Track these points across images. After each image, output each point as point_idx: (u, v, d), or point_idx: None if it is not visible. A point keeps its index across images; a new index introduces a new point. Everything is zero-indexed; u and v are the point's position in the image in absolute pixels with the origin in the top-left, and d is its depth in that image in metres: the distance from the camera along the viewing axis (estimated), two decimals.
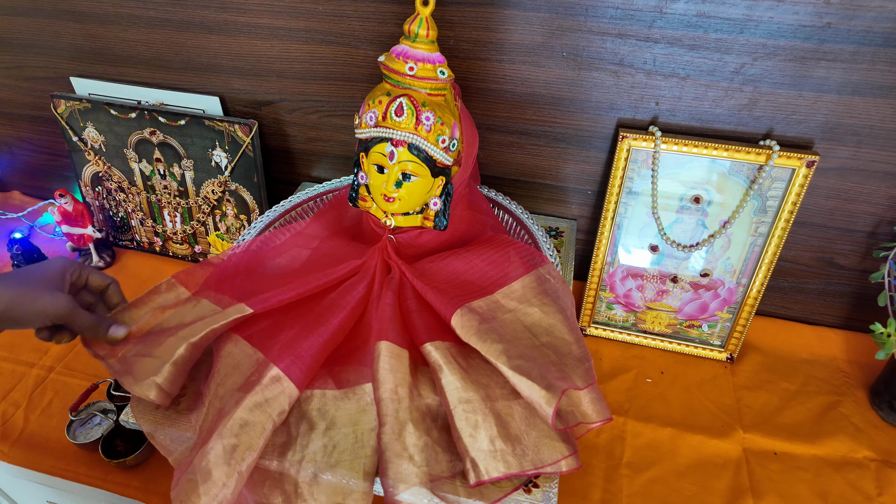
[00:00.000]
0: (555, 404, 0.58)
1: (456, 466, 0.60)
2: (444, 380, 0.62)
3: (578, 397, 0.62)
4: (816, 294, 0.96)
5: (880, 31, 0.72)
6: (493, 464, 0.57)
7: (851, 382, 0.89)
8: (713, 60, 0.79)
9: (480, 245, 0.78)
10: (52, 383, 0.87)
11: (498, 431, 0.59)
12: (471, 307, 0.68)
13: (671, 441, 0.80)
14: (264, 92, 0.98)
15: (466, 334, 0.64)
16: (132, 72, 1.02)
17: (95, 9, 0.96)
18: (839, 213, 0.87)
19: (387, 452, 0.58)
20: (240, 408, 0.59)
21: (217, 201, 1.03)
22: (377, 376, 0.62)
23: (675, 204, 0.85)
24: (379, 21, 0.86)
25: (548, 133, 0.91)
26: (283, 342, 0.64)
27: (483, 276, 0.74)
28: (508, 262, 0.75)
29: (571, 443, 0.61)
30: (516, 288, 0.72)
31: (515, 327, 0.68)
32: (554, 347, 0.66)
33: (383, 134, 0.67)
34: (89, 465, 0.76)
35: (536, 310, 0.69)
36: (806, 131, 0.81)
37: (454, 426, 0.60)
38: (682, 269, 0.90)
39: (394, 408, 0.60)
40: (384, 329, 0.65)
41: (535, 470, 0.58)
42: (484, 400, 0.61)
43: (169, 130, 0.99)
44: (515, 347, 0.63)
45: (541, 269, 0.74)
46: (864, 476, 0.77)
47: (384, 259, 0.75)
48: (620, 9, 0.77)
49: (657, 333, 0.95)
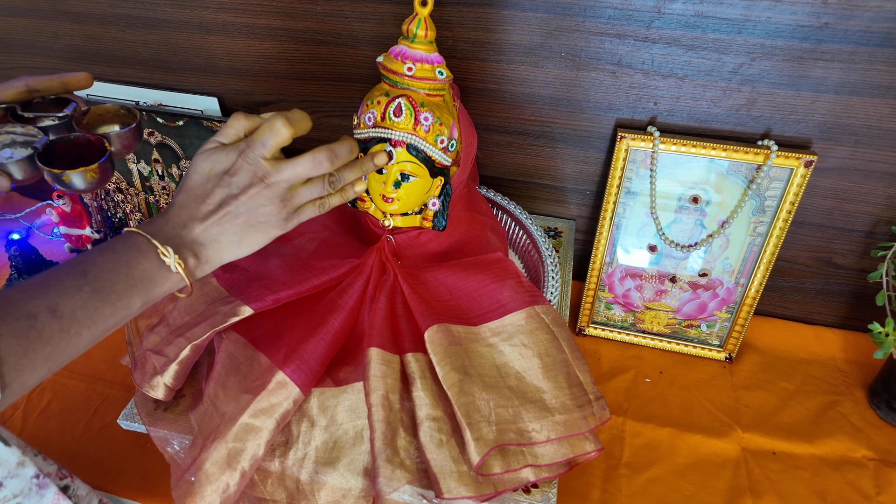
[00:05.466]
0: (478, 459, 0.57)
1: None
2: (414, 393, 0.62)
3: (530, 445, 0.61)
4: (815, 294, 0.96)
5: (878, 31, 0.72)
6: (453, 484, 0.57)
7: (850, 382, 0.89)
8: (711, 60, 0.79)
9: (481, 265, 0.75)
10: (50, 384, 0.86)
11: (461, 452, 0.59)
12: (448, 328, 0.66)
13: (670, 441, 0.80)
14: (263, 92, 0.98)
15: (433, 350, 0.64)
16: (130, 72, 1.02)
17: (93, 9, 0.96)
18: (837, 212, 0.87)
19: (378, 458, 0.58)
20: (245, 413, 0.59)
21: None
22: (368, 383, 0.62)
23: (674, 204, 0.85)
24: (377, 21, 0.86)
25: (546, 133, 0.91)
26: (287, 346, 0.64)
27: (473, 304, 0.72)
28: (502, 294, 0.71)
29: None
30: (505, 324, 0.69)
31: (484, 362, 0.66)
32: (521, 393, 0.64)
33: (382, 134, 0.67)
34: (88, 467, 0.76)
35: (514, 350, 0.67)
36: (804, 131, 0.81)
37: (419, 439, 0.60)
38: (681, 269, 0.90)
39: (384, 414, 0.60)
40: (374, 335, 0.65)
41: (497, 493, 0.58)
42: (452, 419, 0.61)
43: (167, 131, 0.99)
44: (474, 383, 0.62)
45: (536, 308, 0.70)
46: (863, 475, 0.77)
47: (381, 259, 0.75)
48: (618, 9, 0.78)
49: (656, 333, 0.95)
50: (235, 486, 0.58)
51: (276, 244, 0.79)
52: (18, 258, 0.99)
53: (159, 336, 0.69)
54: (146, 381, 0.66)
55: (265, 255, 0.77)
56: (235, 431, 0.59)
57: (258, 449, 0.59)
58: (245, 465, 0.58)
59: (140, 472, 0.76)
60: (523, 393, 0.64)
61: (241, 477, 0.58)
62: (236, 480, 0.58)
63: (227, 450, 0.59)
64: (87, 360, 0.90)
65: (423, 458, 0.59)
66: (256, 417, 0.59)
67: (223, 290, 0.71)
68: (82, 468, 0.76)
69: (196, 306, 0.70)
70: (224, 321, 0.66)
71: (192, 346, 0.65)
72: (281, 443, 0.62)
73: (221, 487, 0.58)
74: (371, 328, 0.67)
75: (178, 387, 0.67)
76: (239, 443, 0.59)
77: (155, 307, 0.74)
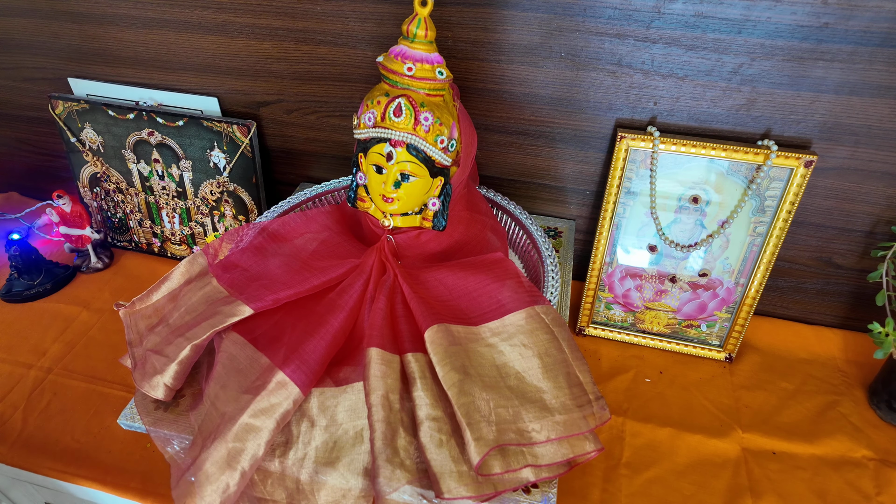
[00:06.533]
0: (478, 459, 0.57)
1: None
2: (415, 393, 0.62)
3: (530, 445, 0.61)
4: (815, 294, 0.96)
5: (878, 31, 0.72)
6: (453, 484, 0.57)
7: (850, 382, 0.89)
8: (711, 60, 0.79)
9: (481, 266, 0.75)
10: (50, 385, 0.86)
11: (461, 452, 0.59)
12: (448, 328, 0.66)
13: (670, 441, 0.80)
14: (262, 92, 0.98)
15: (433, 350, 0.64)
16: (130, 72, 1.02)
17: (93, 10, 0.96)
18: (837, 212, 0.87)
19: (378, 458, 0.58)
20: (245, 413, 0.59)
21: (215, 202, 1.03)
22: (368, 383, 0.62)
23: (674, 204, 0.85)
24: (377, 21, 0.86)
25: (546, 133, 0.91)
26: (287, 346, 0.64)
27: (473, 304, 0.72)
28: (502, 294, 0.71)
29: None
30: (505, 324, 0.69)
31: (484, 362, 0.66)
32: (521, 393, 0.64)
33: (382, 134, 0.67)
34: (88, 468, 0.76)
35: (514, 350, 0.67)
36: (804, 131, 0.81)
37: (419, 439, 0.60)
38: (681, 269, 0.90)
39: (384, 414, 0.60)
40: (374, 335, 0.65)
41: (497, 493, 0.58)
42: (451, 419, 0.61)
43: (167, 131, 0.99)
44: (474, 383, 0.62)
45: (536, 308, 0.69)
46: (863, 475, 0.77)
47: (381, 259, 0.75)
48: (618, 9, 0.78)
49: (656, 333, 0.95)
50: (235, 486, 0.58)
51: (276, 244, 0.79)
52: (18, 258, 0.99)
53: (159, 336, 0.69)
54: (146, 381, 0.66)
55: (265, 255, 0.77)
56: (235, 431, 0.59)
57: (258, 449, 0.59)
58: (245, 465, 0.58)
59: (140, 472, 0.76)
60: (523, 393, 0.64)
61: (241, 477, 0.58)
62: (236, 480, 0.58)
63: (227, 450, 0.59)
64: (87, 360, 0.90)
65: (423, 458, 0.59)
66: (256, 417, 0.59)
67: (223, 290, 0.71)
68: (82, 468, 0.76)
69: (196, 306, 0.70)
70: (224, 321, 0.66)
71: (192, 346, 0.65)
72: (281, 443, 0.62)
73: (221, 487, 0.58)
74: (371, 328, 0.67)
75: (178, 387, 0.67)
76: (239, 443, 0.59)
77: (155, 307, 0.74)
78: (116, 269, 1.09)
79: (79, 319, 0.97)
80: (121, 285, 1.05)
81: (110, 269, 1.09)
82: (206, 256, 0.77)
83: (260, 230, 0.80)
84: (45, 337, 0.94)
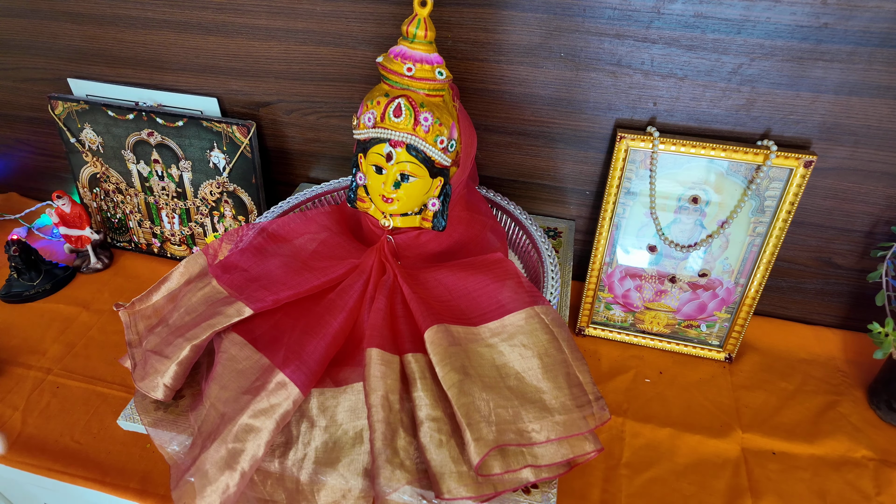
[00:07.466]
0: (478, 459, 0.57)
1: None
2: (414, 394, 0.62)
3: (529, 445, 0.61)
4: (814, 294, 0.96)
5: (877, 32, 0.72)
6: (453, 484, 0.57)
7: (849, 382, 0.89)
8: (711, 61, 0.79)
9: (480, 266, 0.75)
10: (49, 385, 0.86)
11: (461, 453, 0.59)
12: (448, 328, 0.66)
13: (670, 441, 0.80)
14: (262, 93, 0.98)
15: (433, 350, 0.64)
16: (130, 73, 1.02)
17: (93, 10, 0.96)
18: (837, 212, 0.87)
19: (378, 458, 0.58)
20: (244, 414, 0.59)
21: (215, 202, 1.03)
22: (368, 383, 0.62)
23: (674, 204, 0.85)
24: (377, 22, 0.86)
25: (546, 133, 0.91)
26: (287, 347, 0.64)
27: (473, 305, 0.72)
28: (502, 295, 0.71)
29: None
30: (505, 324, 0.69)
31: (483, 362, 0.66)
32: (520, 393, 0.64)
33: (381, 135, 0.67)
34: (87, 468, 0.76)
35: (514, 351, 0.67)
36: (803, 131, 0.81)
37: (419, 440, 0.60)
38: (681, 270, 0.90)
39: (384, 414, 0.60)
40: (374, 336, 0.65)
41: (497, 493, 0.58)
42: (451, 419, 0.61)
43: (167, 132, 0.99)
44: (474, 384, 0.62)
45: (536, 308, 0.69)
46: (863, 475, 0.77)
47: (381, 260, 0.75)
48: (618, 9, 0.78)
49: (656, 333, 0.95)
50: (235, 486, 0.58)
51: (276, 244, 0.79)
52: (18, 258, 0.99)
53: (159, 337, 0.69)
54: (146, 381, 0.66)
55: (265, 255, 0.77)
56: (235, 432, 0.59)
57: (258, 449, 0.59)
58: (245, 465, 0.58)
59: (139, 472, 0.76)
60: (523, 393, 0.64)
61: (240, 477, 0.58)
62: (236, 481, 0.58)
63: (226, 450, 0.59)
64: (87, 361, 0.90)
65: (422, 459, 0.59)
66: (256, 418, 0.59)
67: (223, 291, 0.71)
68: (82, 468, 0.76)
69: (196, 307, 0.70)
70: (224, 322, 0.66)
71: (192, 347, 0.65)
72: (281, 443, 0.62)
73: (221, 488, 0.58)
74: (371, 328, 0.67)
75: (178, 387, 0.67)
76: (238, 443, 0.59)
77: (154, 308, 0.74)
78: (116, 269, 1.09)
79: (78, 320, 0.97)
80: (120, 286, 1.05)
81: (110, 269, 1.09)
82: (206, 257, 0.77)
83: (259, 231, 0.80)
84: (45, 337, 0.94)
